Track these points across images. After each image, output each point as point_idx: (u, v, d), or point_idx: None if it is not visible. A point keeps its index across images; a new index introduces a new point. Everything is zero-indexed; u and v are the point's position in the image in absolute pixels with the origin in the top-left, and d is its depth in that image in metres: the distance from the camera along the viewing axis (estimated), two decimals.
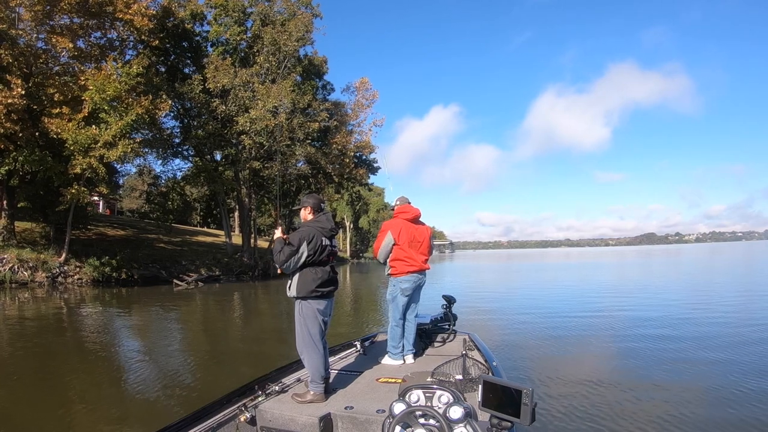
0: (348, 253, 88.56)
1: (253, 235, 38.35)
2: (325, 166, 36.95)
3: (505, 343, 9.95)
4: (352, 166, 39.70)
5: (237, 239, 41.02)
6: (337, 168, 37.89)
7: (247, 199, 37.01)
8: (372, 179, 48.72)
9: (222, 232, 43.30)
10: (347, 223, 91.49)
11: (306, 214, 4.49)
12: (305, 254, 4.20)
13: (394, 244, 5.46)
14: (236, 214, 42.89)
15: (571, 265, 50.99)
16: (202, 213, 67.83)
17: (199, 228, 58.76)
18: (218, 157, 36.36)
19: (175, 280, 27.25)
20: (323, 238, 4.32)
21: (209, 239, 45.35)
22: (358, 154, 41.09)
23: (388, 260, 5.54)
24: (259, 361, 8.65)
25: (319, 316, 4.31)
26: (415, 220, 5.63)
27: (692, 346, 9.33)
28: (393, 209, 5.85)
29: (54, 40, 23.07)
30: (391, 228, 5.51)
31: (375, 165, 44.32)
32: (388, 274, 5.58)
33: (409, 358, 5.41)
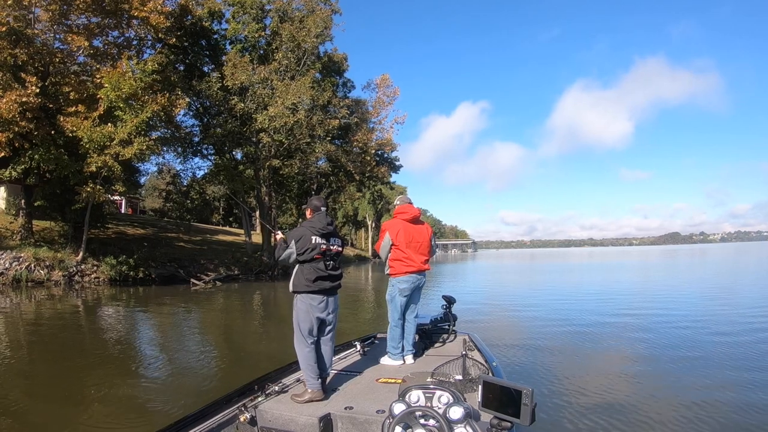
0: (370, 252, 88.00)
1: (273, 234, 37.98)
2: (345, 164, 36.58)
3: (506, 344, 9.92)
4: (374, 164, 39.33)
5: (257, 238, 40.80)
6: (359, 166, 37.50)
7: (267, 198, 36.75)
8: (394, 177, 48.44)
9: (242, 231, 43.18)
10: (369, 222, 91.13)
11: (308, 215, 4.68)
12: (294, 252, 4.39)
13: (392, 245, 5.46)
14: (257, 212, 42.80)
15: (590, 266, 50.14)
16: (223, 212, 68.00)
17: (219, 227, 58.80)
18: (239, 155, 36.11)
19: (192, 280, 26.99)
20: (314, 237, 4.43)
21: (229, 238, 45.24)
22: (379, 152, 40.71)
23: (387, 260, 5.55)
24: (275, 362, 8.31)
25: (312, 312, 4.39)
26: (415, 220, 5.61)
27: (701, 353, 8.87)
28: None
29: (70, 38, 23.01)
30: (389, 229, 5.54)
31: (397, 163, 43.94)
32: (387, 274, 5.59)
33: (409, 359, 5.41)
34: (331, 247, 4.52)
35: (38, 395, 6.89)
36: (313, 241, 4.39)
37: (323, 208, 4.61)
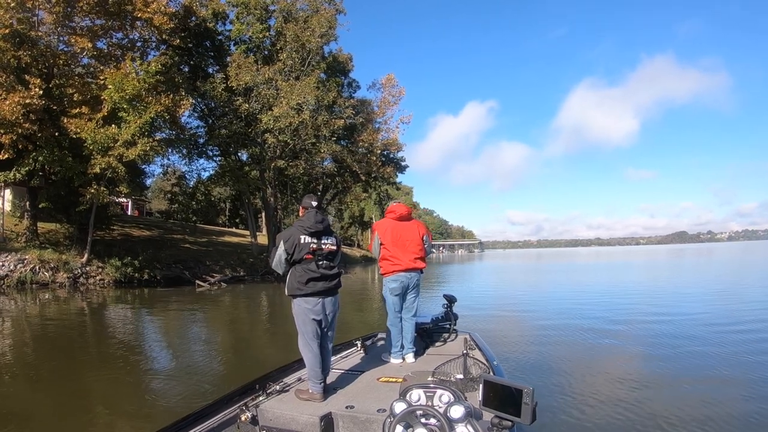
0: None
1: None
2: (351, 165, 36.38)
3: (507, 343, 9.95)
4: (380, 164, 39.12)
5: (263, 239, 40.74)
6: (364, 166, 37.29)
7: (272, 199, 36.67)
8: (400, 177, 48.28)
9: (248, 232, 43.14)
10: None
11: (301, 214, 4.57)
12: (284, 253, 4.27)
13: (381, 244, 5.48)
14: (263, 214, 42.71)
15: (596, 266, 49.86)
16: (228, 214, 68.00)
17: (225, 228, 58.81)
18: (244, 156, 36.06)
19: (197, 281, 26.95)
20: (303, 236, 4.30)
21: (235, 239, 45.25)
22: (385, 152, 40.51)
23: (379, 260, 5.59)
24: (278, 362, 8.29)
25: (309, 315, 4.30)
26: (403, 218, 5.58)
27: (708, 355, 8.69)
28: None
29: (73, 40, 23.04)
30: (378, 228, 5.59)
31: (403, 163, 43.75)
32: (381, 274, 5.60)
33: (410, 357, 5.37)
34: (323, 246, 4.37)
35: (42, 395, 6.92)
36: (302, 241, 4.27)
37: (314, 203, 4.47)
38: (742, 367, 7.74)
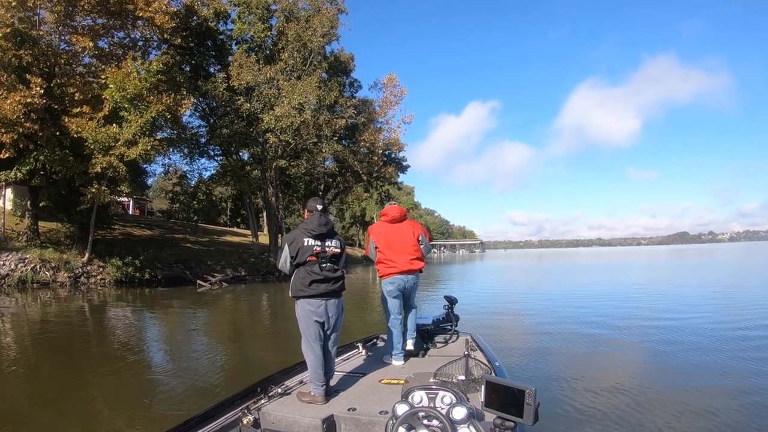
0: None
1: (280, 235, 37.98)
2: (353, 164, 36.34)
3: (508, 344, 9.92)
4: (381, 164, 39.10)
5: (264, 239, 40.71)
6: (366, 166, 37.26)
7: (273, 199, 36.65)
8: (401, 177, 48.27)
9: (249, 232, 43.12)
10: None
11: (305, 217, 4.61)
12: (288, 255, 4.34)
13: (376, 248, 5.50)
14: (265, 213, 42.66)
15: (597, 266, 49.79)
16: (230, 213, 68.00)
17: (227, 228, 58.78)
18: (245, 156, 36.05)
19: (198, 281, 26.93)
20: (306, 239, 4.34)
21: (236, 239, 45.21)
22: (386, 152, 40.48)
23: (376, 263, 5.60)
24: (280, 364, 8.26)
25: (312, 317, 4.31)
26: (395, 220, 5.59)
27: (713, 357, 8.62)
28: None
29: (75, 40, 23.00)
30: (372, 232, 5.63)
31: (404, 163, 43.72)
32: (379, 277, 5.61)
33: (409, 345, 5.46)
34: (326, 249, 4.40)
35: (42, 396, 6.90)
36: (305, 243, 4.31)
37: (319, 207, 4.51)
38: (743, 369, 7.70)
